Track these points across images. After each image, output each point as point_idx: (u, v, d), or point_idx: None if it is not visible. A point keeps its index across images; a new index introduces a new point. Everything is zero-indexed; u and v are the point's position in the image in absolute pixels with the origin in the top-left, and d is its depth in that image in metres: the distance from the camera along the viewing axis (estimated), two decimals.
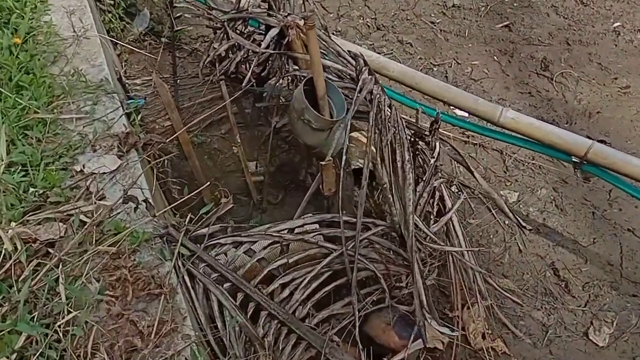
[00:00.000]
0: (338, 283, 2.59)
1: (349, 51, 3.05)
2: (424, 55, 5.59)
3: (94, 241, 2.20)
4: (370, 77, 2.79)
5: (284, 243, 2.47)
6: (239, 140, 3.51)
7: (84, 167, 2.56)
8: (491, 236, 3.91)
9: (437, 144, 2.69)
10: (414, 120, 3.03)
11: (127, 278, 2.06)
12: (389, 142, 2.77)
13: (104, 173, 2.54)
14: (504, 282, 3.56)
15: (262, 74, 3.91)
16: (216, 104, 4.40)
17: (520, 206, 4.13)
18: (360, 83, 2.73)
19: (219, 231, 2.39)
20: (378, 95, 2.84)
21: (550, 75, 5.40)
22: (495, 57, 5.64)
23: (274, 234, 2.44)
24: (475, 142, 4.59)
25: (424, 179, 2.74)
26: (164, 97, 3.02)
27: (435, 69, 5.41)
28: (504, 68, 5.53)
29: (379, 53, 4.81)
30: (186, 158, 3.64)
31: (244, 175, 4.23)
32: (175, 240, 2.19)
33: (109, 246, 2.18)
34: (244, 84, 3.66)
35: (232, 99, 3.34)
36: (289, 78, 3.83)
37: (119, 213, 2.33)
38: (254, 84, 3.75)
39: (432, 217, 2.88)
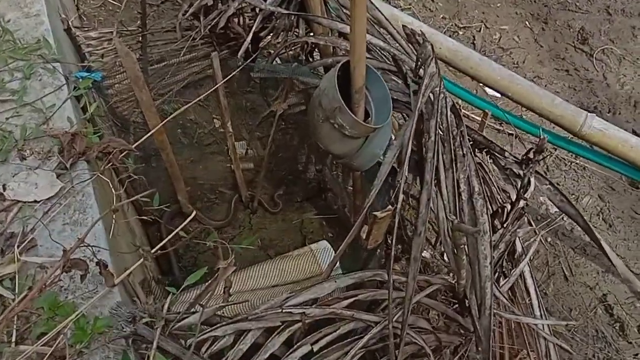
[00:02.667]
0: None
1: (404, 26, 2.15)
2: (447, 13, 4.68)
3: (13, 337, 1.35)
4: (436, 71, 1.93)
5: (307, 321, 1.69)
6: (231, 131, 2.61)
7: (3, 189, 1.65)
8: (531, 258, 3.21)
9: (532, 179, 1.90)
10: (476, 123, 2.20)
11: None
12: (451, 163, 1.96)
13: (35, 202, 1.65)
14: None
15: (261, 34, 2.98)
16: (195, 66, 3.44)
17: (564, 218, 3.42)
18: (425, 80, 1.87)
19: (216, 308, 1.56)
20: (442, 96, 2.00)
21: (590, 51, 4.61)
22: (527, 23, 4.79)
23: (294, 310, 1.64)
24: (510, 131, 3.81)
25: (502, 223, 1.95)
26: (129, 72, 2.09)
27: (460, 33, 4.52)
28: (537, 37, 4.70)
29: (393, 6, 3.87)
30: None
31: (229, 161, 3.35)
32: (147, 340, 1.36)
33: (38, 344, 1.33)
34: (240, 52, 2.72)
35: (227, 79, 2.41)
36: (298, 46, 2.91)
37: (56, 281, 1.46)
38: (251, 54, 2.81)
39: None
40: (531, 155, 1.83)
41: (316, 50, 3.09)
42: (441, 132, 2.02)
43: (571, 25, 4.79)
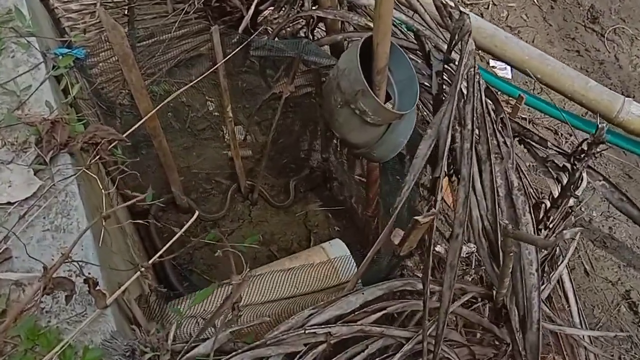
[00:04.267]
0: None
1: None
2: None
3: None
4: (473, 49, 1.68)
5: (332, 341, 1.46)
6: (231, 116, 2.34)
7: None
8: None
9: (584, 174, 1.67)
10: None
11: None
12: (488, 155, 1.73)
13: (9, 204, 1.38)
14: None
15: (262, 7, 2.69)
16: (187, 43, 3.14)
17: (582, 209, 3.23)
18: (465, 59, 1.62)
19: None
20: (477, 78, 1.75)
21: (601, 30, 4.39)
22: (535, 0, 4.54)
23: (318, 330, 1.40)
24: (523, 116, 3.58)
25: (546, 223, 1.73)
26: (117, 49, 1.81)
27: (467, 11, 4.26)
28: (546, 15, 4.46)
29: None
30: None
31: (225, 148, 3.08)
32: None
33: None
34: (240, 28, 2.44)
35: (228, 57, 2.13)
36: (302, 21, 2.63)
37: (36, 302, 1.20)
38: (250, 30, 2.53)
39: None
40: (585, 147, 1.60)
41: (319, 25, 2.83)
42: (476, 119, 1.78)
43: (580, 3, 4.56)
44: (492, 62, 3.97)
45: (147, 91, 2.26)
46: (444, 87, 2.11)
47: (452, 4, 1.83)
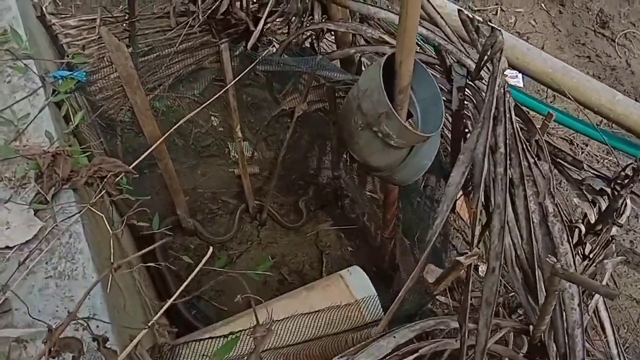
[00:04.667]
0: None
1: (460, 11, 1.77)
2: None
3: None
4: (506, 67, 1.57)
5: None
6: (240, 135, 2.22)
7: None
8: None
9: (628, 201, 1.56)
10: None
11: None
12: (521, 179, 1.61)
13: (7, 249, 1.25)
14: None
15: (268, 19, 2.58)
16: (190, 57, 3.02)
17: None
18: (498, 78, 1.51)
19: None
20: (507, 97, 1.64)
21: (611, 35, 4.28)
22: (542, 5, 4.44)
23: None
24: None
25: (583, 250, 1.61)
26: (121, 70, 1.68)
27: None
28: (554, 20, 4.35)
29: None
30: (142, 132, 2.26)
31: (230, 165, 2.96)
32: None
33: None
34: (249, 44, 2.33)
35: (238, 78, 2.01)
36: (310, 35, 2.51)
37: None
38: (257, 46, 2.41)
39: None
40: (630, 171, 1.49)
41: (326, 36, 2.72)
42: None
43: (589, 7, 4.46)
44: None
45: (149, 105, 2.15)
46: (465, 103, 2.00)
47: (479, 18, 1.71)
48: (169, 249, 2.62)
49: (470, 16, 1.72)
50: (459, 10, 1.77)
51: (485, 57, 1.61)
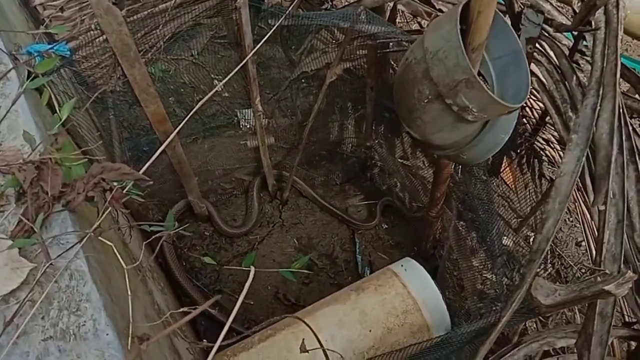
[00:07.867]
0: None
1: None
2: None
3: None
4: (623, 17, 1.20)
5: None
6: (260, 109, 1.85)
7: None
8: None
9: None
10: None
11: None
12: (629, 156, 1.28)
13: None
14: None
15: None
16: (185, 13, 2.60)
17: None
18: (611, 32, 1.14)
19: None
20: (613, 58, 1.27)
21: None
22: None
23: None
24: None
25: None
26: (114, 39, 1.29)
27: None
28: None
29: None
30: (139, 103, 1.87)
31: (241, 136, 2.58)
32: None
33: None
34: None
35: (261, 43, 1.61)
36: None
37: None
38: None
39: None
40: None
41: None
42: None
43: None
44: None
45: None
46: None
47: None
48: (187, 249, 2.29)
49: None
50: None
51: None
